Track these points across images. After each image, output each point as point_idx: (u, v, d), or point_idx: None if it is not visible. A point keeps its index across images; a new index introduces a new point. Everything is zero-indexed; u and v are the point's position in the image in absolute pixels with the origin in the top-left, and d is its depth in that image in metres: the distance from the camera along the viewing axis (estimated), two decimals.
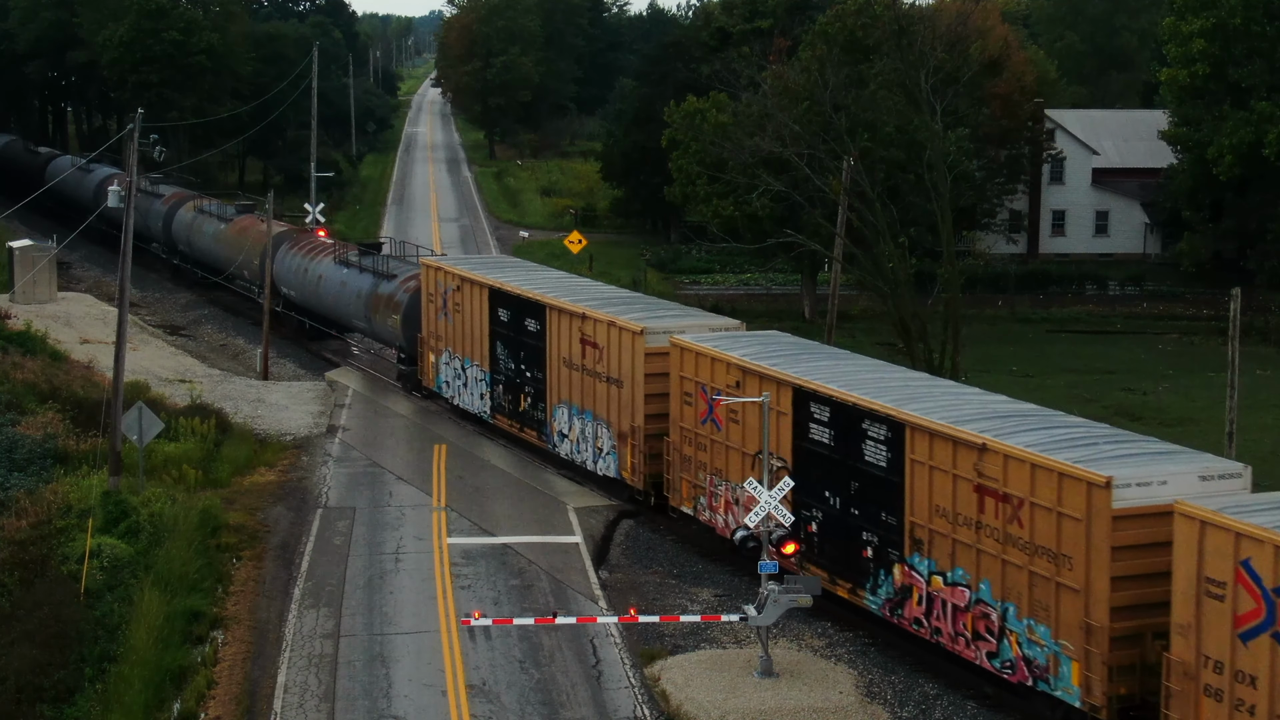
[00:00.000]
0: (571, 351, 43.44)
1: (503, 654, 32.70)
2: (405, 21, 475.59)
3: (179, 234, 77.30)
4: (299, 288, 63.25)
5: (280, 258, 63.68)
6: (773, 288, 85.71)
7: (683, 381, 38.71)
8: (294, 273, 63.40)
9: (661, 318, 41.90)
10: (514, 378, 47.35)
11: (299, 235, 66.78)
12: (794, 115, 60.81)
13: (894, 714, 30.21)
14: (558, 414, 45.01)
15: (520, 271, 51.60)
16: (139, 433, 40.83)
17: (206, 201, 77.24)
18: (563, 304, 43.95)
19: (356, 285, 58.06)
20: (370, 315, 56.95)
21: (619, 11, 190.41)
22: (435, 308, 51.83)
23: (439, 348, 52.12)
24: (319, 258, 62.00)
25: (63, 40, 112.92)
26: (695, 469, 38.56)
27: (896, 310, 53.14)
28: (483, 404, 49.63)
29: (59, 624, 31.90)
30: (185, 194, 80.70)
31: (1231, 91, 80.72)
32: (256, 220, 70.11)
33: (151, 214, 79.59)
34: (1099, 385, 64.27)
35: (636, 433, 40.79)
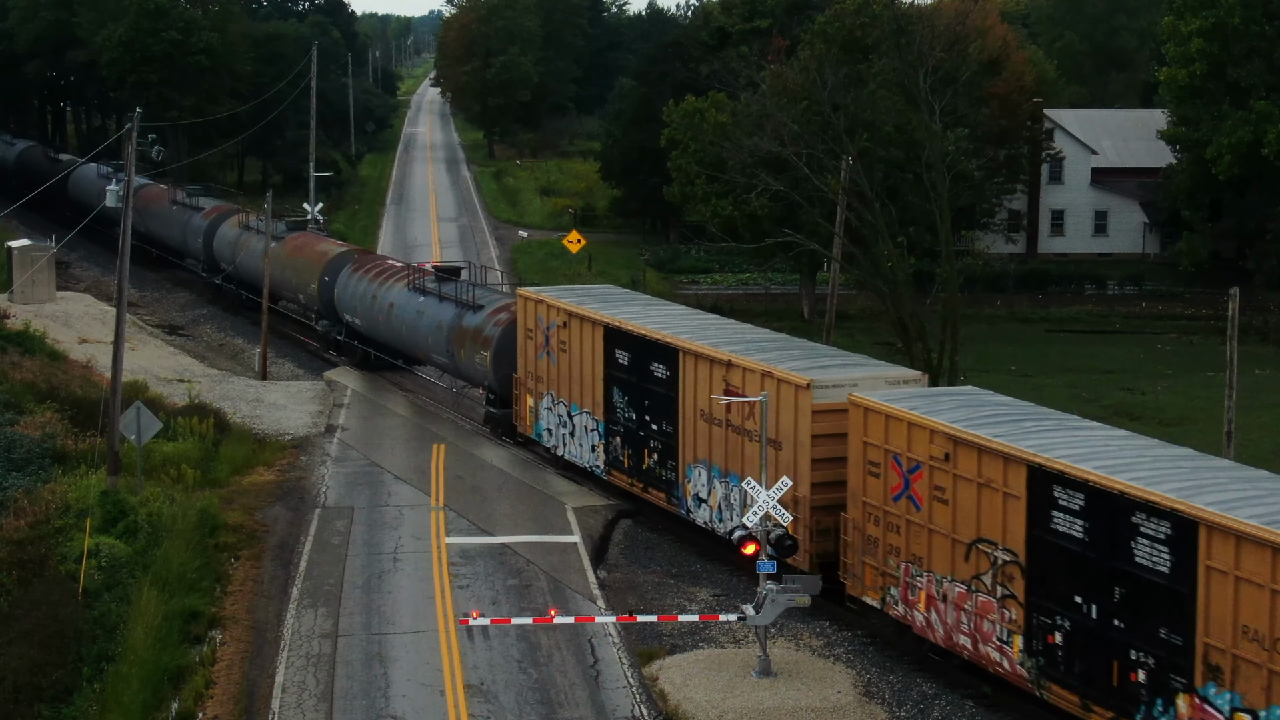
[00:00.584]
0: (712, 404, 37.35)
1: (501, 654, 32.69)
2: (404, 21, 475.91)
3: (221, 252, 71.52)
4: (366, 316, 57.77)
5: (343, 282, 59.19)
6: (771, 287, 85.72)
7: (867, 449, 32.49)
8: (360, 299, 58.07)
9: (826, 367, 35.96)
10: (635, 430, 41.24)
11: (362, 257, 61.67)
12: (793, 115, 60.80)
13: (892, 713, 30.20)
14: (693, 475, 38.68)
15: (637, 306, 44.85)
16: (137, 432, 40.83)
17: (253, 217, 71.23)
18: (701, 348, 38.00)
19: (436, 316, 52.36)
20: (454, 350, 51.15)
21: (618, 11, 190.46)
22: (535, 345, 45.85)
23: (539, 390, 46.10)
24: (389, 283, 56.62)
25: (62, 40, 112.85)
26: (884, 554, 32.36)
27: (895, 310, 53.11)
28: (594, 457, 43.52)
29: (57, 623, 31.90)
30: (227, 208, 75.75)
31: (1230, 91, 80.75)
32: (312, 238, 66.57)
33: (190, 229, 75.23)
34: (1098, 385, 64.30)
35: (800, 504, 34.35)
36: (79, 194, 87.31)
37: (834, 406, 33.93)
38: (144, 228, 78.15)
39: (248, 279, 68.96)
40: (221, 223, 72.46)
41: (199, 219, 74.68)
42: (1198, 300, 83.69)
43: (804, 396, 34.47)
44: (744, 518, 33.04)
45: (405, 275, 56.33)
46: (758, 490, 32.30)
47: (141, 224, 77.41)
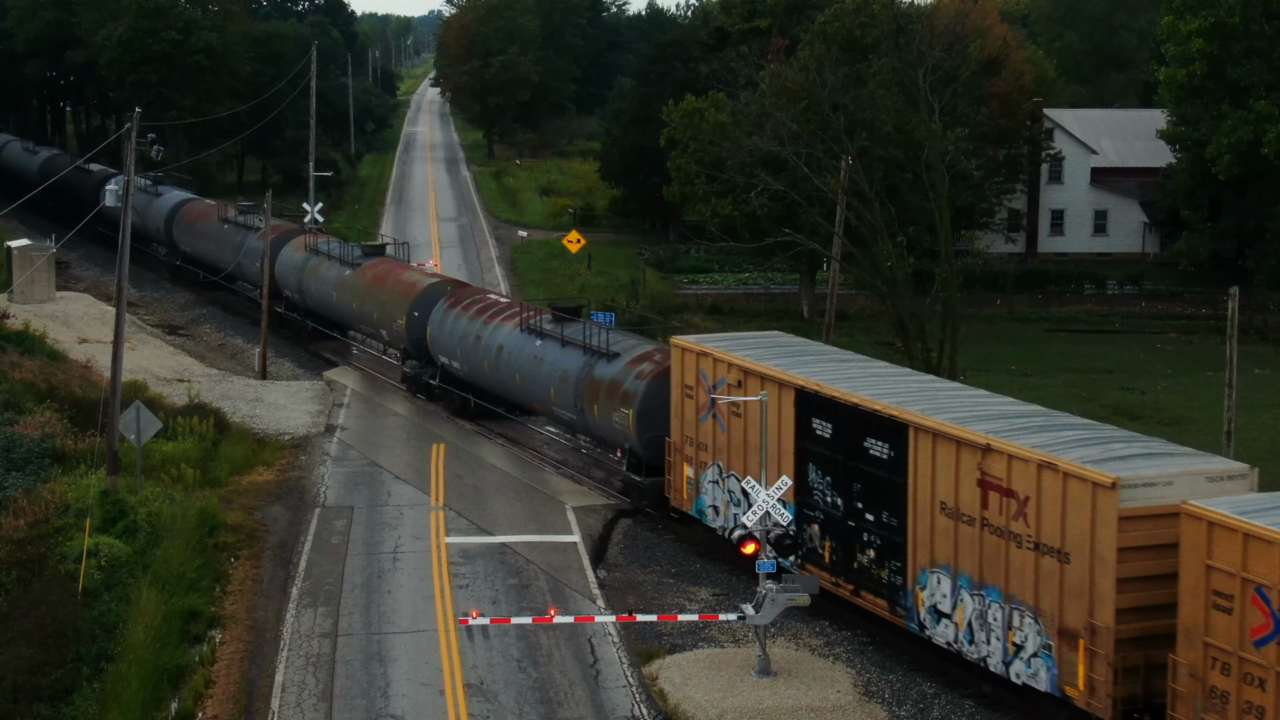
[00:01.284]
0: (960, 496, 30.22)
1: (500, 653, 32.69)
2: (404, 21, 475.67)
3: (285, 278, 64.82)
4: (467, 359, 50.90)
5: (438, 319, 52.68)
6: (771, 287, 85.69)
7: (1212, 575, 25.30)
8: (459, 339, 51.28)
9: (1127, 458, 28.40)
10: (841, 518, 34.19)
11: (459, 290, 55.03)
12: (792, 114, 60.80)
13: (892, 713, 30.20)
14: (929, 581, 31.39)
15: (830, 363, 37.72)
16: (137, 432, 40.82)
17: (322, 239, 65.40)
18: (943, 426, 30.81)
19: (559, 363, 45.62)
20: (583, 405, 44.14)
21: (618, 11, 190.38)
22: (696, 406, 38.85)
23: (701, 460, 38.86)
24: (496, 322, 49.99)
25: (61, 40, 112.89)
26: (1238, 713, 25.12)
27: (895, 309, 53.14)
28: None
29: (56, 623, 31.90)
30: (287, 228, 69.29)
31: (1230, 91, 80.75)
32: (395, 266, 59.67)
33: (246, 252, 68.49)
34: (1097, 384, 64.29)
35: (1099, 634, 27.37)
36: (114, 209, 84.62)
37: (1148, 512, 27.05)
38: (189, 247, 75.44)
39: (318, 309, 63.07)
40: (283, 245, 65.54)
41: (255, 241, 67.51)
42: (1197, 300, 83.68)
43: (1106, 499, 27.13)
44: (744, 517, 33.06)
45: (516, 314, 49.67)
46: (758, 490, 32.31)
47: (187, 243, 75.32)
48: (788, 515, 32.44)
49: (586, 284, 79.59)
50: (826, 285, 58.81)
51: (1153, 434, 34.77)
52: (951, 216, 57.04)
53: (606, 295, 74.63)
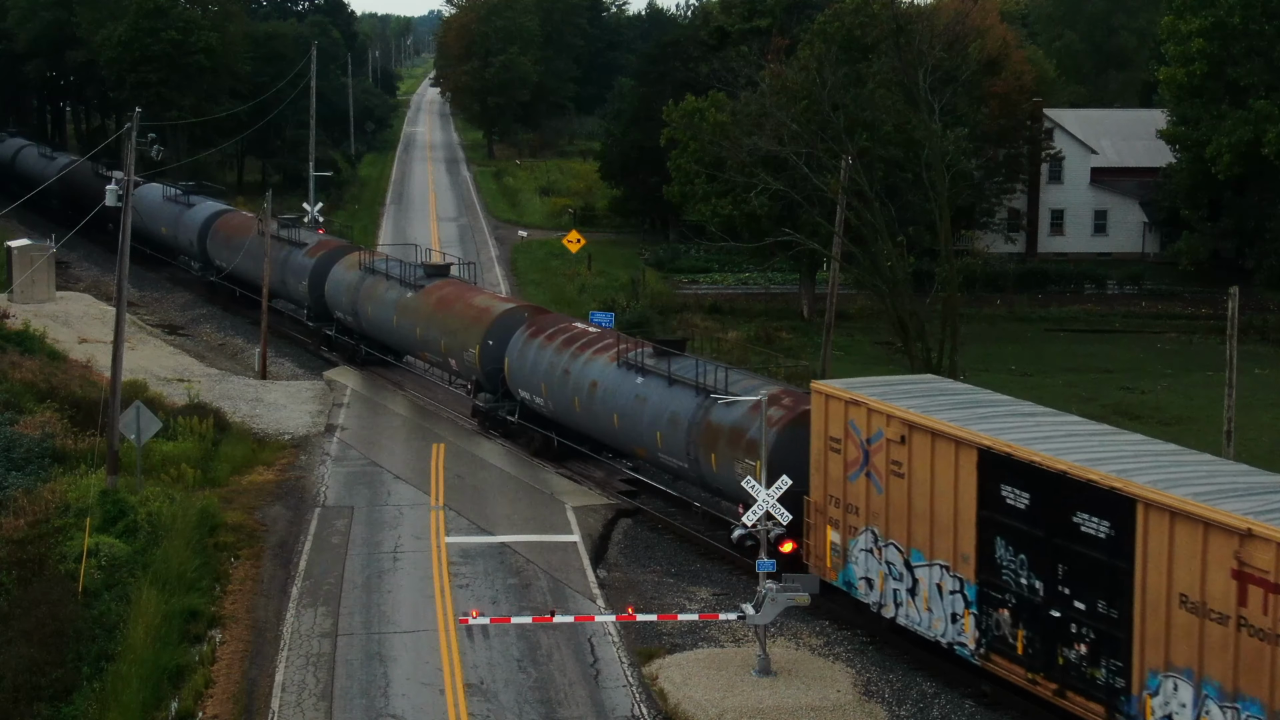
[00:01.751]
0: (1207, 589, 25.20)
1: (501, 653, 32.70)
2: (404, 21, 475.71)
3: (336, 298, 60.45)
4: (553, 394, 45.92)
5: (516, 349, 47.97)
6: (771, 287, 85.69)
7: None
8: (543, 373, 46.35)
9: None
10: (1042, 605, 28.80)
11: (538, 317, 49.71)
12: (792, 114, 60.81)
13: (892, 712, 30.20)
14: (1162, 687, 26.25)
15: (1020, 418, 32.11)
16: (137, 432, 40.83)
17: (378, 257, 60.77)
18: (1185, 504, 25.55)
19: (665, 404, 40.55)
20: (696, 452, 39.03)
21: (618, 11, 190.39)
22: (845, 461, 33.83)
23: (850, 524, 33.92)
24: (586, 355, 45.11)
25: (61, 39, 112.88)
26: None
27: (895, 309, 53.15)
28: (956, 630, 31.04)
29: (56, 623, 31.90)
30: (336, 243, 65.06)
31: (1230, 90, 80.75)
32: (464, 290, 54.53)
33: (291, 269, 63.86)
34: (1097, 384, 64.30)
35: None
36: (142, 220, 77.78)
37: None
38: (226, 262, 71.10)
39: (374, 333, 58.60)
40: (333, 263, 61.61)
41: (302, 257, 63.67)
42: (1197, 300, 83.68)
43: None
44: (744, 516, 33.06)
45: (610, 346, 44.72)
46: (758, 489, 32.31)
47: (224, 258, 71.27)
48: (788, 515, 32.45)
49: (586, 284, 79.61)
50: (826, 285, 58.80)
51: (1153, 434, 34.77)
52: (951, 216, 57.06)
53: (606, 295, 74.63)
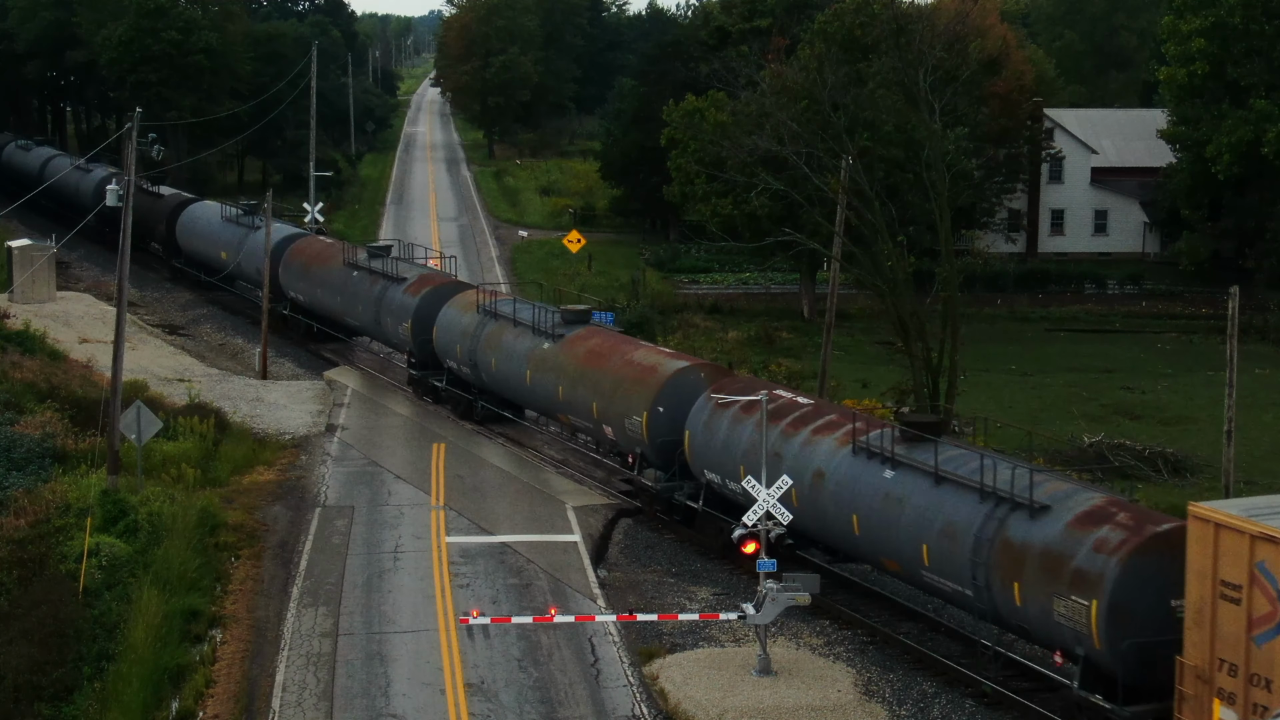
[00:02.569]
0: None
1: (501, 653, 32.70)
2: (404, 21, 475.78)
3: (449, 345, 52.21)
4: None
5: (700, 421, 38.86)
6: (771, 287, 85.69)
7: None
8: (739, 451, 37.25)
9: None
10: None
11: (723, 379, 40.86)
12: (792, 114, 60.76)
13: (892, 712, 30.21)
14: None
15: None
16: (137, 432, 40.84)
17: (501, 298, 52.11)
18: None
19: (935, 510, 31.83)
20: (990, 578, 30.33)
21: (618, 11, 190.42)
22: (1250, 616, 25.53)
23: (1258, 702, 25.76)
24: (802, 433, 35.95)
25: (61, 40, 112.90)
26: None
27: (895, 309, 53.09)
28: None
29: (57, 622, 31.92)
30: (444, 279, 56.72)
31: (1230, 90, 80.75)
32: (621, 342, 44.97)
33: (390, 306, 56.14)
34: (1098, 384, 64.30)
35: None
36: (197, 243, 74.62)
37: None
38: (303, 295, 63.87)
39: (500, 389, 50.41)
40: (443, 304, 53.45)
41: (402, 295, 55.53)
42: (1197, 299, 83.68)
43: None
44: (744, 517, 33.06)
45: (837, 423, 35.49)
46: (758, 489, 32.31)
47: (301, 290, 64.05)
48: (788, 515, 32.46)
49: (587, 284, 79.61)
50: (827, 285, 58.76)
51: (1154, 434, 34.77)
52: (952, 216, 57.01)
53: (607, 295, 74.63)
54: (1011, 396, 60.56)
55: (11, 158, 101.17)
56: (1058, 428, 55.18)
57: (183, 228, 76.31)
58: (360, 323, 59.53)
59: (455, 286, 55.44)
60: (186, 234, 76.04)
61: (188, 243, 75.96)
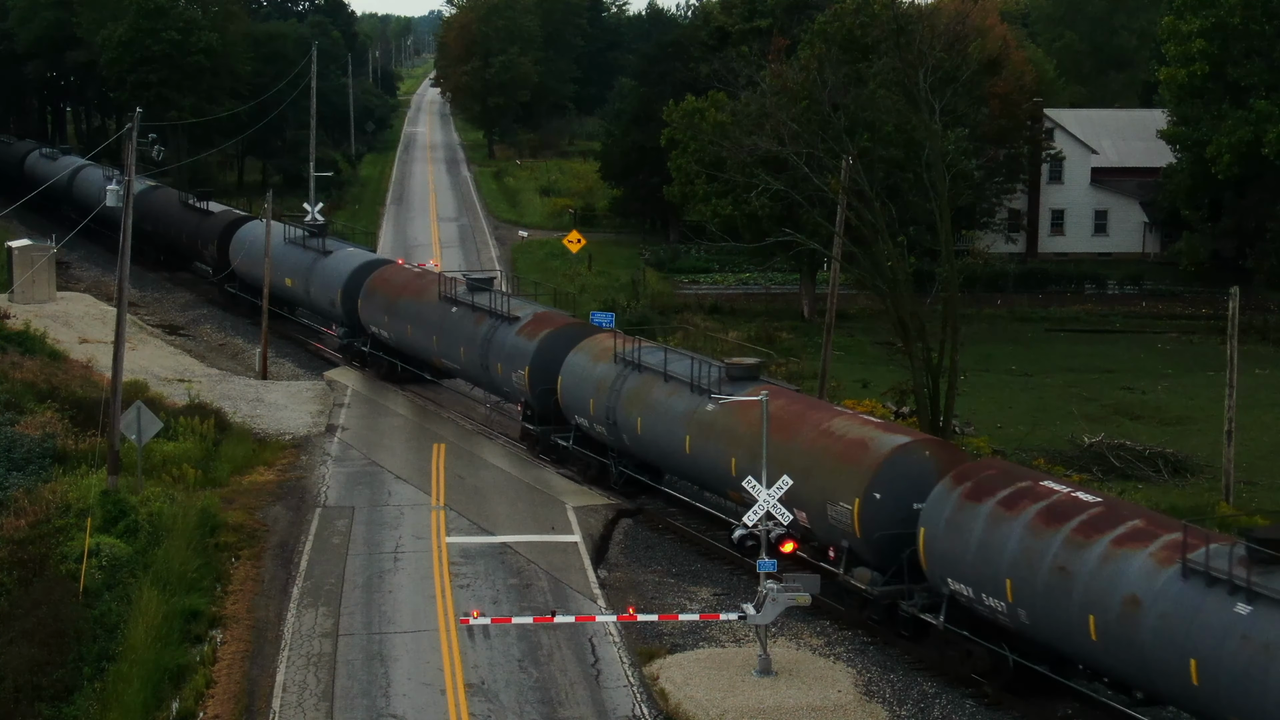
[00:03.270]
0: None
1: (501, 653, 32.69)
2: (404, 21, 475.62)
3: (578, 398, 44.89)
4: (1037, 603, 29.13)
5: (944, 515, 31.46)
6: (771, 287, 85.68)
7: None
8: (1003, 561, 29.84)
9: None
10: None
11: (958, 461, 33.84)
12: (793, 114, 60.74)
13: (893, 712, 30.21)
14: None
15: None
16: (137, 432, 40.84)
17: (646, 345, 44.28)
18: None
19: None
20: None
21: (618, 11, 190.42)
22: None
23: None
24: (1100, 544, 28.20)
25: (61, 40, 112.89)
26: None
27: (895, 309, 53.04)
28: None
29: (57, 623, 31.91)
30: (564, 319, 49.03)
31: (1230, 90, 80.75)
32: (805, 404, 38.37)
33: (500, 348, 48.63)
34: (1098, 384, 64.29)
35: None
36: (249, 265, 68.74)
37: None
38: (389, 332, 56.55)
39: (650, 455, 42.94)
40: (568, 349, 46.01)
41: (514, 337, 48.22)
42: (1197, 300, 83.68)
43: None
44: (744, 517, 33.07)
45: (1150, 533, 27.87)
46: (758, 489, 32.30)
47: (387, 327, 56.71)
48: (788, 515, 32.45)
49: (587, 284, 79.60)
50: (827, 285, 58.75)
51: (1154, 434, 34.77)
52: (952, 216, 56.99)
53: (607, 295, 74.64)
54: (1012, 397, 60.56)
55: (35, 168, 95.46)
56: (1058, 428, 55.20)
57: (238, 249, 69.41)
58: (461, 366, 51.90)
59: (581, 329, 47.78)
60: (243, 256, 68.77)
61: (245, 266, 68.63)
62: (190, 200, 76.36)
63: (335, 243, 65.80)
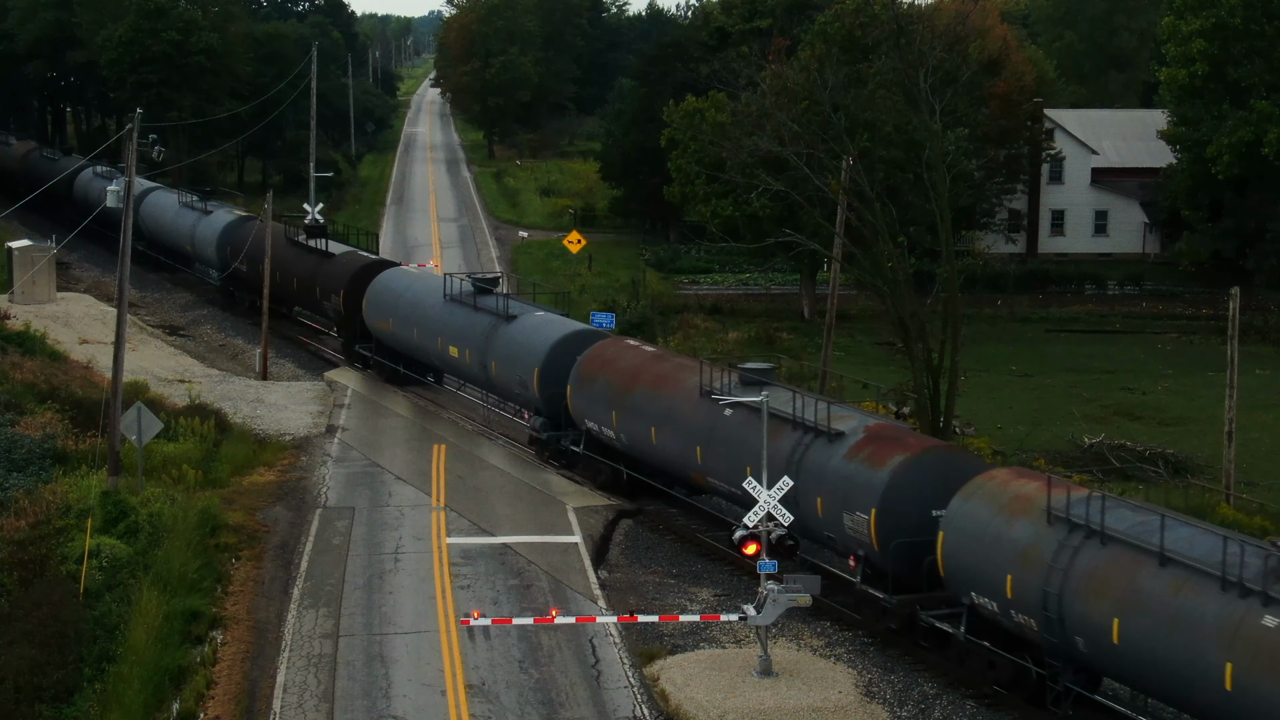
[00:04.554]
0: None
1: (502, 654, 32.69)
2: (404, 21, 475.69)
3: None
4: None
5: None
6: (772, 288, 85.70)
7: None
8: None
9: None
10: None
11: None
12: (793, 115, 60.74)
13: (893, 713, 30.20)
14: None
15: None
16: (138, 433, 40.82)
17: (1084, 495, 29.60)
18: None
19: None
20: None
21: (618, 11, 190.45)
22: None
23: None
24: None
25: (62, 40, 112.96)
26: None
27: (895, 310, 53.05)
28: None
29: (58, 624, 31.90)
30: (895, 428, 35.99)
31: (1230, 91, 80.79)
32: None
33: (843, 488, 34.02)
34: (1098, 385, 64.30)
35: None
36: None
37: None
38: (621, 430, 42.92)
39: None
40: (951, 487, 31.98)
41: (845, 462, 34.35)
42: (1198, 300, 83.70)
43: None
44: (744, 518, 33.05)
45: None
46: (758, 490, 32.29)
47: (605, 419, 43.56)
48: (789, 516, 32.44)
49: (587, 284, 79.61)
50: (827, 286, 58.77)
51: (1154, 435, 34.76)
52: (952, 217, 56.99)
53: (607, 296, 74.64)
54: (1012, 397, 60.57)
55: (89, 189, 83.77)
56: (1058, 429, 55.20)
57: (377, 305, 55.82)
58: (728, 485, 38.14)
59: (970, 461, 34.11)
60: (385, 316, 55.46)
61: (385, 328, 55.52)
62: (295, 235, 64.49)
63: (525, 306, 50.75)
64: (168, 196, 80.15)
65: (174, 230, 76.67)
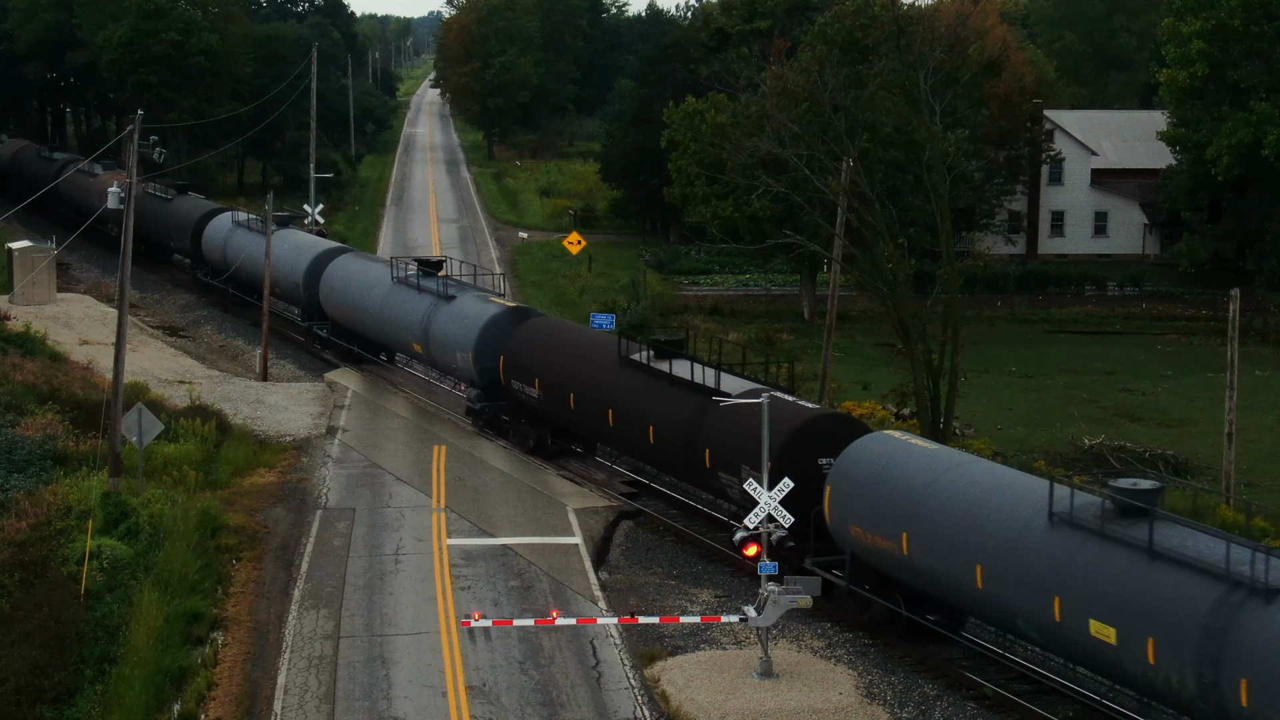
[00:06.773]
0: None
1: (502, 655, 32.71)
2: (404, 22, 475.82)
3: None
4: None
5: None
6: (772, 289, 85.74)
7: None
8: None
9: None
10: None
11: None
12: (793, 116, 60.77)
13: (894, 714, 30.23)
14: None
15: None
16: (138, 434, 40.84)
17: None
18: None
19: None
20: None
21: (618, 12, 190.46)
22: None
23: None
24: None
25: (61, 41, 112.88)
26: None
27: (895, 311, 53.09)
28: None
29: (59, 625, 31.93)
30: None
31: (1230, 92, 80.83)
32: None
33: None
34: (1098, 385, 64.33)
35: None
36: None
37: None
38: None
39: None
40: None
41: None
42: (1198, 301, 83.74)
43: None
44: (745, 519, 33.08)
45: None
46: (759, 491, 32.32)
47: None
48: (789, 517, 32.46)
49: (587, 285, 79.62)
50: (827, 287, 58.79)
51: (1154, 436, 34.80)
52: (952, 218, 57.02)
53: (607, 297, 74.65)
54: (1012, 398, 60.60)
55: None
56: (1058, 430, 55.23)
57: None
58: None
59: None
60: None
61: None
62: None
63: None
64: None
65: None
